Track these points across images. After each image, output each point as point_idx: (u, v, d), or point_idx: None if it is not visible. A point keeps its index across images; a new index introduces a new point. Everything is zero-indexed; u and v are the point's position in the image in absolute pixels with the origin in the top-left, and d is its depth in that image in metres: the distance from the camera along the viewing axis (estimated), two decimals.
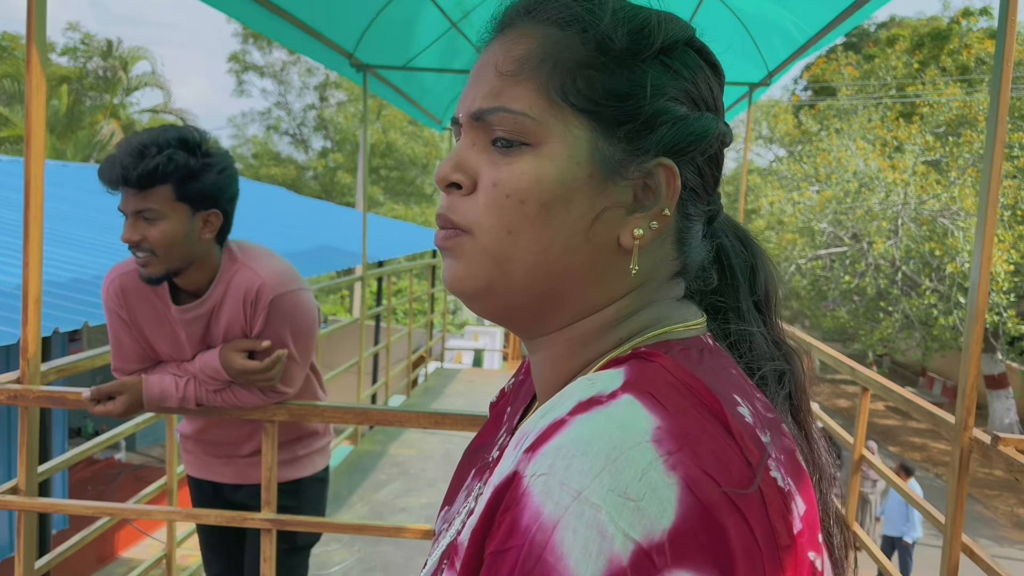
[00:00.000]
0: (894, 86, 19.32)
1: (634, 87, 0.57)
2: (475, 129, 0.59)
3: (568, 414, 0.49)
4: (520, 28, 0.60)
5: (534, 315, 0.60)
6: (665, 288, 0.62)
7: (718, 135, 0.60)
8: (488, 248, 0.57)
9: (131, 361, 2.03)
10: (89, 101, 20.65)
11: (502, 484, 0.48)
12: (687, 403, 0.49)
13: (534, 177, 0.56)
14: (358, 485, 4.61)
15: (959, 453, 2.07)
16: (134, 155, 1.74)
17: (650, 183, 0.58)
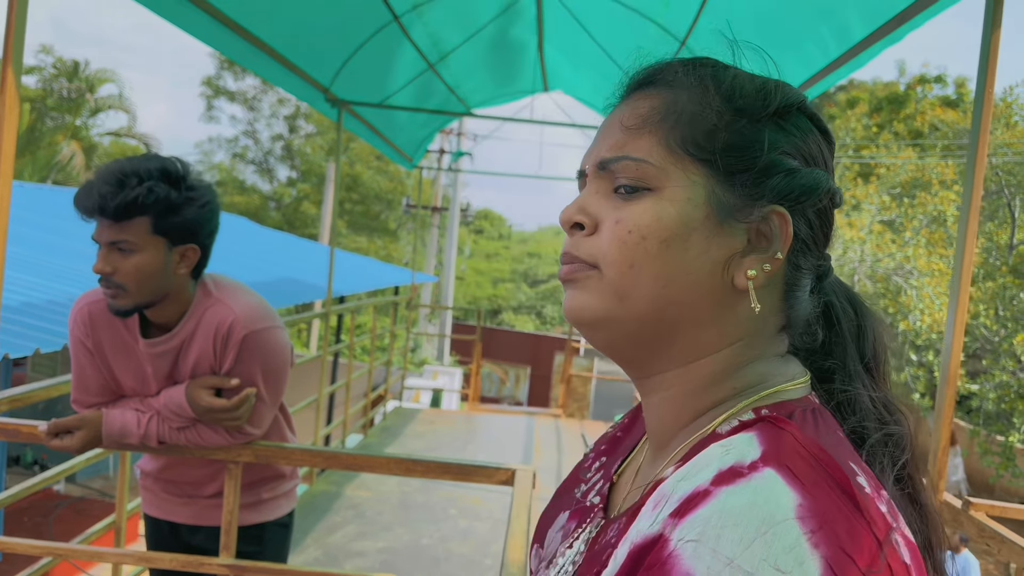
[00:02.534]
0: (853, 147, 19.93)
1: (750, 140, 0.62)
2: (599, 178, 0.65)
3: (711, 484, 0.51)
4: (644, 91, 0.66)
5: (650, 348, 0.63)
6: (771, 342, 0.64)
7: (828, 190, 0.64)
8: (612, 281, 0.62)
9: (92, 394, 1.95)
10: (51, 121, 20.30)
11: (644, 544, 0.52)
12: (820, 479, 0.51)
13: (655, 215, 0.61)
14: (312, 527, 4.48)
15: None
16: (113, 184, 1.68)
17: (764, 228, 0.62)
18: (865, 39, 3.10)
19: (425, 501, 5.04)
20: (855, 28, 3.12)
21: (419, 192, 9.44)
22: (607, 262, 0.62)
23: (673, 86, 0.65)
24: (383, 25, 4.48)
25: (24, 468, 8.72)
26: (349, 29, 4.43)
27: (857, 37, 3.15)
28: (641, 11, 4.31)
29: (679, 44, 4.37)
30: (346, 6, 4.15)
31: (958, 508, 2.05)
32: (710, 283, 0.61)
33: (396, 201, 27.51)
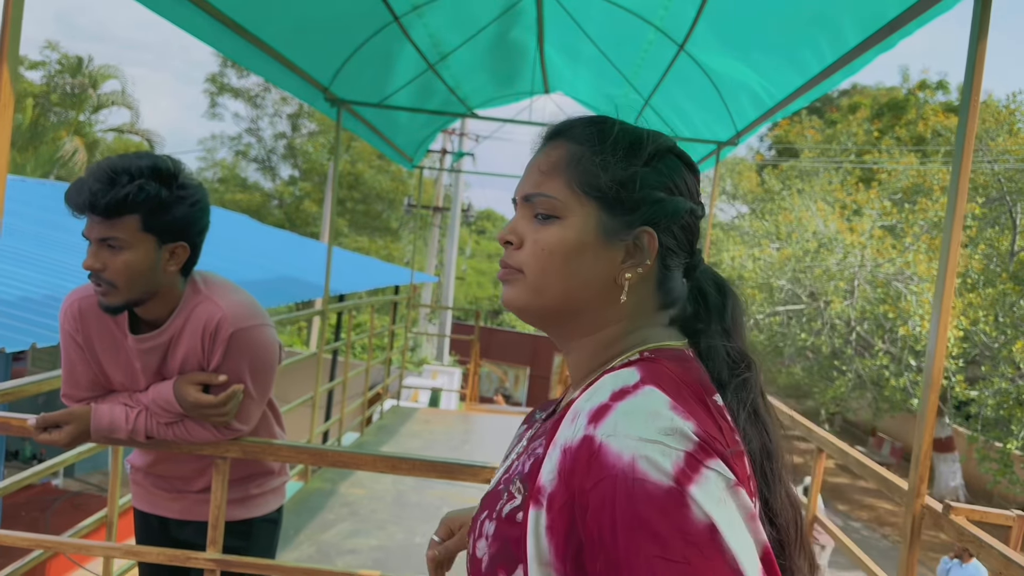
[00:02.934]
0: (854, 151, 19.91)
1: (627, 181, 0.88)
2: (525, 207, 0.91)
3: (610, 400, 0.77)
4: (555, 142, 0.92)
5: (562, 325, 0.91)
6: (654, 316, 0.91)
7: (687, 211, 0.91)
8: (531, 282, 0.89)
9: (82, 388, 1.97)
10: (54, 117, 20.34)
11: (575, 446, 0.75)
12: (684, 392, 0.78)
13: (560, 237, 0.87)
14: (306, 524, 4.50)
15: (911, 520, 2.09)
16: (104, 181, 1.68)
17: (637, 243, 0.88)
18: (859, 45, 3.11)
19: (419, 500, 5.05)
20: (849, 34, 3.14)
21: (420, 192, 9.46)
22: (528, 269, 0.89)
23: (574, 140, 0.90)
24: (383, 25, 4.49)
25: (22, 462, 8.75)
26: (349, 29, 4.45)
27: (851, 43, 3.16)
28: (640, 14, 4.32)
29: (677, 47, 4.39)
30: (346, 6, 4.17)
31: (939, 512, 2.06)
32: (600, 282, 0.88)
33: (398, 201, 27.52)
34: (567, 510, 0.74)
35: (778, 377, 16.55)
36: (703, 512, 0.69)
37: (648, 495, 0.69)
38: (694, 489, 0.70)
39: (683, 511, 0.69)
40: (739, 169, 22.04)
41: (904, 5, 2.62)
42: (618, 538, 0.70)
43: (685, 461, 0.71)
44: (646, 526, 0.69)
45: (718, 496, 0.71)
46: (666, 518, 0.69)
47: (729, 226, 22.40)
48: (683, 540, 0.68)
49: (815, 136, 21.45)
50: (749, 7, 3.63)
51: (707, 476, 0.71)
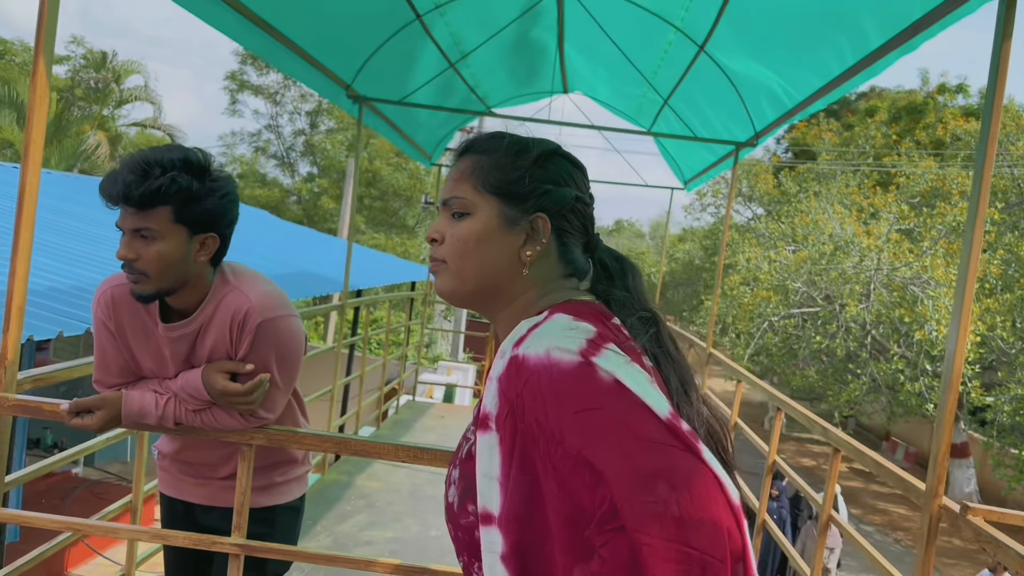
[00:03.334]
0: (872, 155, 19.79)
1: (519, 178, 1.06)
2: (445, 209, 1.08)
3: (527, 332, 0.94)
4: (464, 156, 1.11)
5: (485, 302, 1.08)
6: (560, 283, 1.08)
7: (575, 198, 1.09)
8: (453, 269, 1.06)
9: (113, 374, 2.02)
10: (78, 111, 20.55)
11: (504, 369, 0.91)
12: (583, 313, 0.97)
13: (470, 229, 1.05)
14: (323, 515, 4.55)
15: (928, 520, 2.10)
16: (137, 173, 1.73)
17: (534, 227, 1.06)
18: (881, 47, 3.12)
19: (434, 493, 5.09)
20: (871, 36, 3.14)
21: (438, 189, 9.51)
22: (449, 258, 1.06)
23: (477, 151, 1.09)
24: (405, 24, 4.53)
25: (43, 451, 8.86)
26: (372, 27, 4.49)
27: (873, 45, 3.17)
28: (662, 15, 4.34)
29: (698, 48, 4.40)
30: (369, 4, 4.21)
31: (956, 512, 2.07)
32: (508, 262, 1.05)
33: (415, 198, 27.58)
34: (510, 420, 0.87)
35: (792, 379, 16.47)
36: (607, 373, 0.86)
37: (562, 371, 0.86)
38: (597, 360, 0.87)
39: (592, 373, 0.86)
40: (755, 171, 21.96)
41: (928, 7, 2.62)
42: (548, 412, 0.84)
43: (588, 344, 0.89)
44: (566, 392, 0.84)
45: (618, 363, 0.88)
46: (579, 382, 0.85)
47: (745, 228, 22.33)
48: (596, 392, 0.84)
49: (832, 139, 21.34)
50: (770, 8, 3.64)
51: (607, 352, 0.89)
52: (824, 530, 3.05)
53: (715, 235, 24.35)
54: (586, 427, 0.82)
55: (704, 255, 25.55)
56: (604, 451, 0.81)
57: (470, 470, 0.95)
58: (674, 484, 0.78)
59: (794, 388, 16.79)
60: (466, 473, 0.97)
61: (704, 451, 0.84)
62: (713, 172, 6.75)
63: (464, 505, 0.96)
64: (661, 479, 0.79)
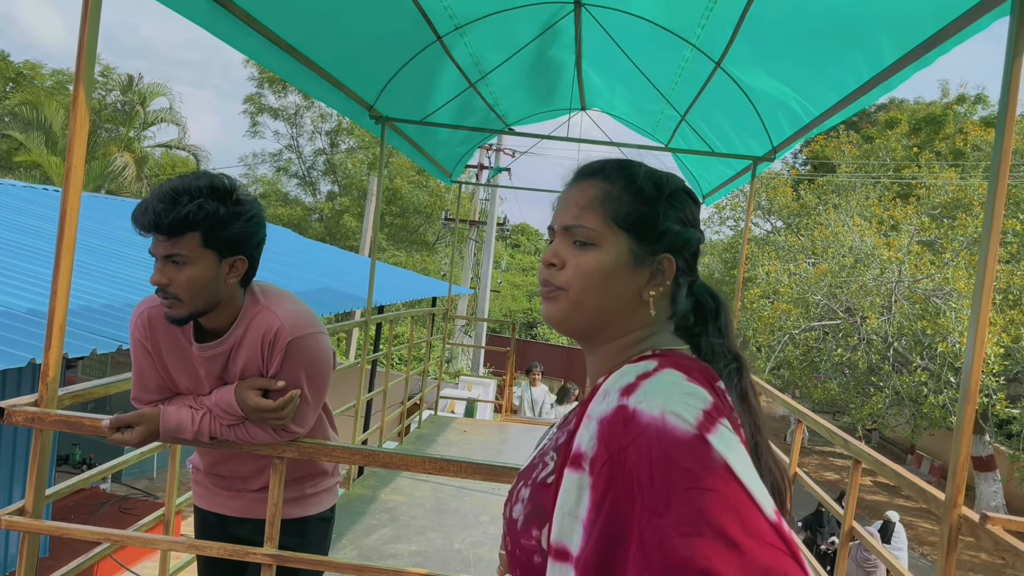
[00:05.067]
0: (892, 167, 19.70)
1: (653, 217, 1.05)
2: (564, 235, 1.06)
3: (636, 379, 0.92)
4: (590, 180, 1.08)
5: (594, 335, 1.07)
6: (665, 325, 1.07)
7: (697, 240, 1.09)
8: (573, 299, 1.04)
9: (151, 392, 2.09)
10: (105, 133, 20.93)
11: (610, 414, 0.89)
12: (694, 373, 0.94)
13: (597, 262, 1.03)
14: (347, 529, 4.60)
15: (948, 530, 2.12)
16: (167, 202, 1.81)
17: (660, 267, 1.05)
18: (896, 62, 3.16)
19: (457, 507, 5.14)
20: (886, 51, 3.19)
21: (458, 206, 9.60)
22: (571, 288, 1.04)
23: (607, 179, 1.07)
24: (426, 45, 4.63)
25: (72, 467, 9.01)
26: (394, 49, 4.59)
27: (888, 60, 3.21)
28: (678, 33, 4.40)
29: (714, 64, 4.46)
30: (391, 27, 4.31)
31: (976, 522, 2.10)
32: (628, 299, 1.05)
33: (435, 215, 27.78)
34: (607, 469, 0.86)
35: (813, 393, 16.36)
36: (720, 454, 0.83)
37: (677, 441, 0.83)
38: (712, 437, 0.84)
39: (706, 452, 0.83)
40: (774, 184, 21.90)
41: (941, 23, 2.67)
42: (655, 479, 0.82)
43: (704, 416, 0.86)
44: (678, 465, 0.82)
45: (731, 444, 0.85)
46: (693, 457, 0.82)
47: (764, 241, 22.26)
48: (709, 473, 0.82)
49: (852, 151, 21.28)
50: (786, 25, 3.69)
51: (721, 430, 0.86)
52: (846, 540, 3.06)
53: (734, 248, 24.27)
54: (695, 506, 0.79)
55: (724, 268, 25.48)
56: (711, 535, 0.77)
57: (543, 497, 0.95)
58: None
59: (815, 401, 16.67)
60: (538, 499, 0.97)
61: (805, 560, 0.81)
62: (731, 186, 6.78)
63: (529, 528, 0.96)
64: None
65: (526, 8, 4.62)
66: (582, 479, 0.88)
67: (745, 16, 3.68)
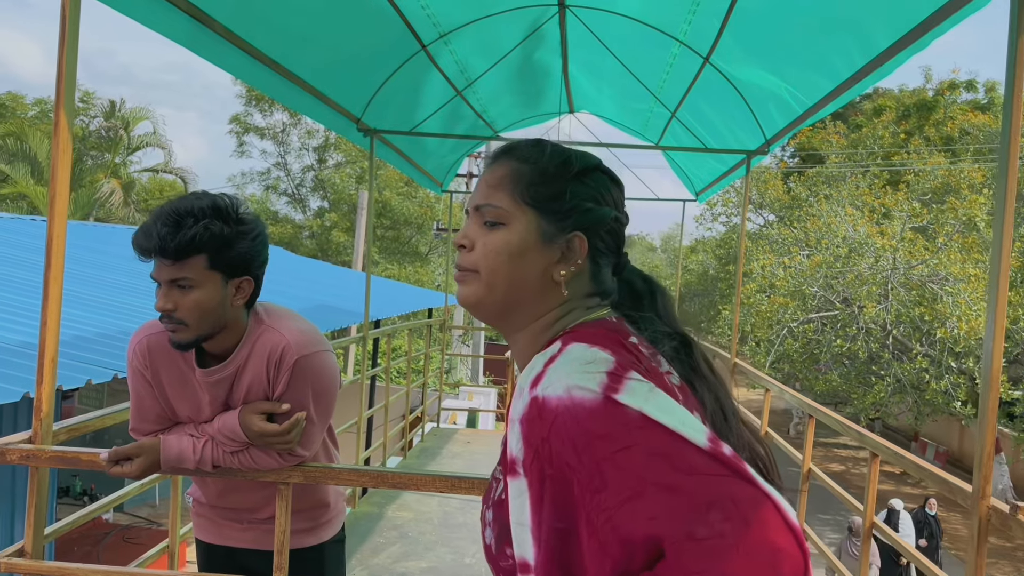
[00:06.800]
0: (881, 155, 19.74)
1: (559, 193, 1.02)
2: (475, 215, 1.04)
3: (542, 368, 0.89)
4: (500, 161, 1.06)
5: (508, 317, 1.03)
6: (583, 303, 1.03)
7: (612, 218, 1.05)
8: (484, 279, 1.01)
9: (150, 422, 2.03)
10: (90, 160, 20.83)
11: (525, 410, 0.86)
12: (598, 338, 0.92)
13: (505, 241, 1.00)
14: (356, 548, 4.53)
15: (978, 523, 2.07)
16: (171, 225, 1.74)
17: (571, 246, 1.01)
18: (889, 48, 3.11)
19: (465, 520, 5.07)
20: (879, 37, 3.14)
21: (450, 216, 9.54)
22: (481, 268, 1.01)
23: (517, 158, 1.04)
24: (411, 55, 4.58)
25: (74, 499, 8.89)
26: (379, 60, 4.53)
27: (881, 46, 3.16)
28: (665, 30, 4.36)
29: (703, 60, 4.41)
30: (375, 38, 4.26)
31: (1006, 513, 2.04)
32: (539, 279, 1.01)
33: (426, 226, 27.71)
34: (535, 466, 0.84)
35: (815, 384, 16.32)
36: (632, 408, 0.81)
37: (588, 412, 0.82)
38: (620, 395, 0.83)
39: (618, 411, 0.81)
40: (764, 178, 21.93)
41: (936, 5, 2.62)
42: (581, 456, 0.80)
43: (608, 377, 0.84)
44: (596, 434, 0.80)
45: (643, 394, 0.83)
46: (607, 421, 0.81)
47: (757, 235, 22.27)
48: (626, 430, 0.80)
49: (840, 141, 21.30)
50: (774, 16, 3.64)
51: (628, 384, 0.84)
52: (868, 536, 3.00)
53: (727, 244, 24.27)
54: (622, 469, 0.78)
55: (718, 265, 25.47)
56: (645, 491, 0.76)
57: (503, 515, 0.92)
58: (727, 513, 0.73)
59: (817, 393, 16.63)
60: (499, 517, 0.94)
61: (752, 472, 0.79)
62: (724, 181, 6.74)
63: (502, 548, 0.94)
64: (713, 509, 0.74)
65: (510, 13, 4.57)
66: (520, 484, 0.86)
67: (732, 9, 3.64)
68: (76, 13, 2.25)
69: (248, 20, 3.29)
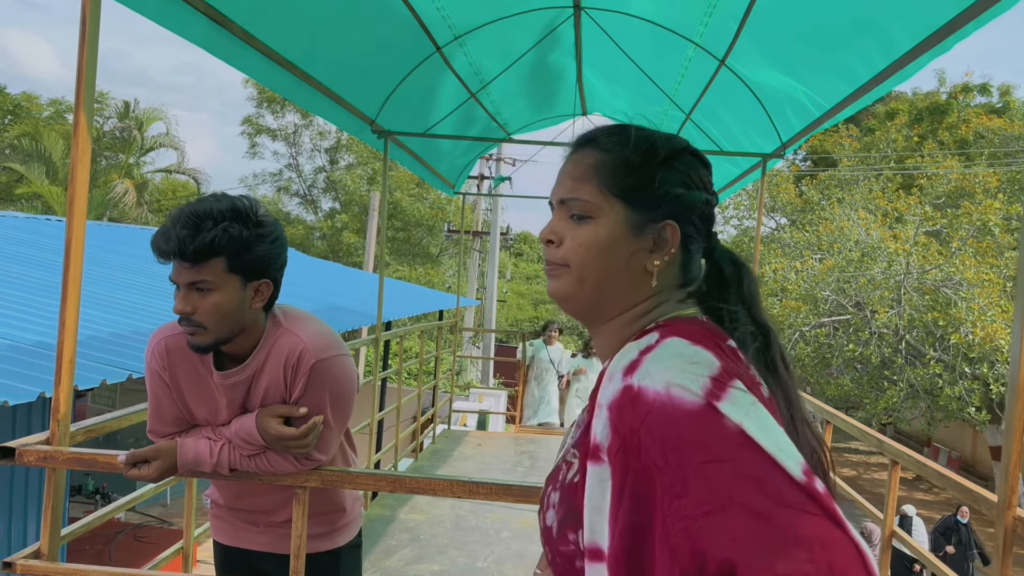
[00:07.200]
0: (894, 158, 19.62)
1: (647, 181, 0.99)
2: (561, 209, 1.02)
3: (638, 355, 0.88)
4: (583, 151, 1.04)
5: (597, 310, 1.02)
6: (674, 294, 1.02)
7: (703, 202, 1.02)
8: (575, 274, 0.99)
9: (168, 424, 2.02)
10: (104, 161, 20.95)
11: (617, 398, 0.86)
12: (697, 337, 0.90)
13: (594, 235, 0.99)
14: (368, 551, 4.51)
15: (1003, 533, 2.04)
16: (190, 228, 1.73)
17: (662, 235, 1.00)
18: (911, 51, 3.08)
19: (478, 524, 5.05)
20: (900, 40, 3.11)
21: (462, 218, 9.54)
22: (572, 263, 0.99)
23: (600, 148, 1.02)
24: (426, 57, 4.57)
25: (86, 497, 8.93)
26: (393, 62, 4.53)
27: (903, 49, 3.13)
28: (680, 31, 4.34)
29: (718, 62, 4.39)
30: (390, 40, 4.25)
31: None
32: (630, 271, 0.99)
33: (437, 227, 27.74)
34: (620, 455, 0.83)
35: (827, 389, 16.22)
36: (732, 421, 0.79)
37: (685, 414, 0.80)
38: (722, 404, 0.80)
39: (717, 421, 0.79)
40: (776, 181, 21.84)
41: (962, 6, 2.59)
42: (668, 458, 0.79)
43: (711, 382, 0.82)
44: (689, 440, 0.79)
45: (745, 408, 0.81)
46: (703, 429, 0.79)
47: (769, 238, 22.18)
48: (721, 442, 0.78)
49: (853, 145, 21.19)
50: (792, 18, 3.61)
51: (732, 393, 0.82)
52: (888, 545, 2.97)
53: (739, 247, 24.15)
54: (709, 481, 0.76)
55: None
56: (729, 509, 0.74)
57: (573, 498, 0.91)
58: (813, 555, 0.71)
59: (829, 397, 16.53)
60: (567, 500, 0.93)
61: (842, 515, 0.76)
62: (738, 185, 6.71)
63: (564, 533, 0.92)
64: (799, 547, 0.71)
65: (525, 15, 4.56)
66: (602, 471, 0.85)
67: (750, 11, 3.61)
68: (96, 13, 2.24)
69: (265, 21, 3.29)
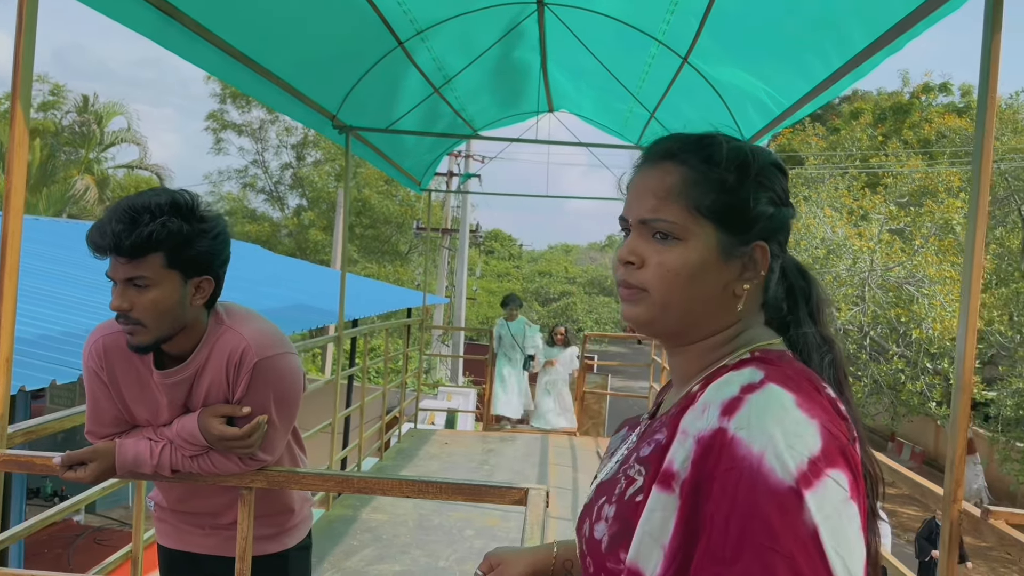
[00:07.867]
0: (859, 157, 19.90)
1: (741, 202, 0.92)
2: (641, 229, 0.94)
3: (740, 394, 0.82)
4: (667, 165, 0.95)
5: (679, 335, 0.96)
6: (757, 317, 0.97)
7: (791, 217, 0.98)
8: (657, 300, 0.92)
9: (106, 425, 1.96)
10: (64, 156, 20.56)
11: (707, 435, 0.81)
12: (803, 388, 0.83)
13: (683, 259, 0.91)
14: (329, 552, 4.47)
15: (949, 525, 2.05)
16: (126, 222, 1.67)
17: (752, 257, 0.94)
18: (866, 48, 3.10)
19: (441, 523, 5.02)
20: (856, 38, 3.13)
21: (429, 215, 9.48)
22: (654, 288, 0.92)
23: (686, 163, 0.93)
24: (388, 51, 4.52)
25: (44, 500, 8.74)
26: (354, 56, 4.48)
27: (858, 47, 3.15)
28: (643, 29, 4.34)
29: (681, 60, 4.39)
30: (350, 34, 4.20)
31: (978, 517, 2.03)
32: (718, 296, 0.93)
33: (406, 225, 27.60)
34: (692, 496, 0.79)
35: None
36: (812, 520, 0.74)
37: (770, 490, 0.75)
38: (811, 495, 0.75)
39: (796, 512, 0.74)
40: None
41: (912, 6, 2.61)
42: (730, 524, 0.75)
43: (808, 465, 0.76)
44: (762, 518, 0.74)
45: (832, 507, 0.76)
46: (782, 515, 0.74)
47: None
48: (793, 537, 0.73)
49: (819, 143, 21.45)
50: (752, 16, 3.63)
51: (826, 484, 0.76)
52: None
53: None
54: (765, 569, 0.73)
55: None
56: None
57: (630, 516, 0.87)
58: None
59: None
60: (625, 518, 0.88)
61: None
62: None
63: (616, 551, 0.88)
64: None
65: (488, 10, 4.53)
66: (670, 501, 0.81)
67: (711, 8, 3.62)
68: (34, 3, 2.18)
69: (218, 13, 3.22)
